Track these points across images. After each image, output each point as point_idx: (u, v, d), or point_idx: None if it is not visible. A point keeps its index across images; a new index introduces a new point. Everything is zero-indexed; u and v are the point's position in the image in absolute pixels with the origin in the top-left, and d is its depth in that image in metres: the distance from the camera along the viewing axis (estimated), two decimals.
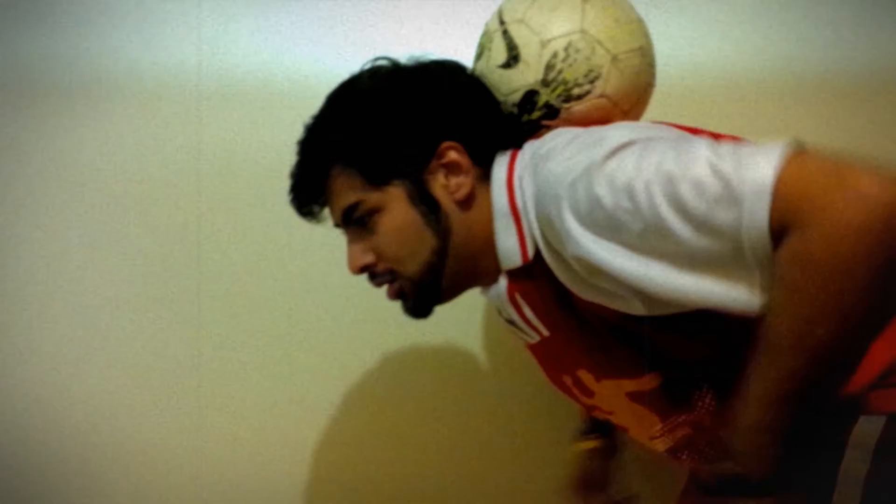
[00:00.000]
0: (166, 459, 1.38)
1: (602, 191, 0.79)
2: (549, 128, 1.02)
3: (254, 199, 1.38)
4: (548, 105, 1.01)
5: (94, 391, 1.37)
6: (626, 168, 0.79)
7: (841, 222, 0.68)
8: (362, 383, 1.39)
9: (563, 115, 1.01)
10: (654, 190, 0.76)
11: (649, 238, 0.78)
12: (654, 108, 1.10)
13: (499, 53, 1.03)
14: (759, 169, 0.71)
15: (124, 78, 1.38)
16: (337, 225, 1.03)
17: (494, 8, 1.06)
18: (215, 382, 1.38)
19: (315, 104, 0.95)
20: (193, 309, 1.38)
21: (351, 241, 1.01)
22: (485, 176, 0.99)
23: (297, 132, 1.00)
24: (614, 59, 1.00)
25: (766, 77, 1.46)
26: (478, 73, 1.07)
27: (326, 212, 1.04)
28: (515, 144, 1.02)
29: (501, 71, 1.03)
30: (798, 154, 0.72)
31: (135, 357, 1.38)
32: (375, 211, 0.97)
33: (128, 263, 1.39)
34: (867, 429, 0.80)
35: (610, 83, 1.00)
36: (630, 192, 0.78)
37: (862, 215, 0.68)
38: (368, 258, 1.00)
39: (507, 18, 1.04)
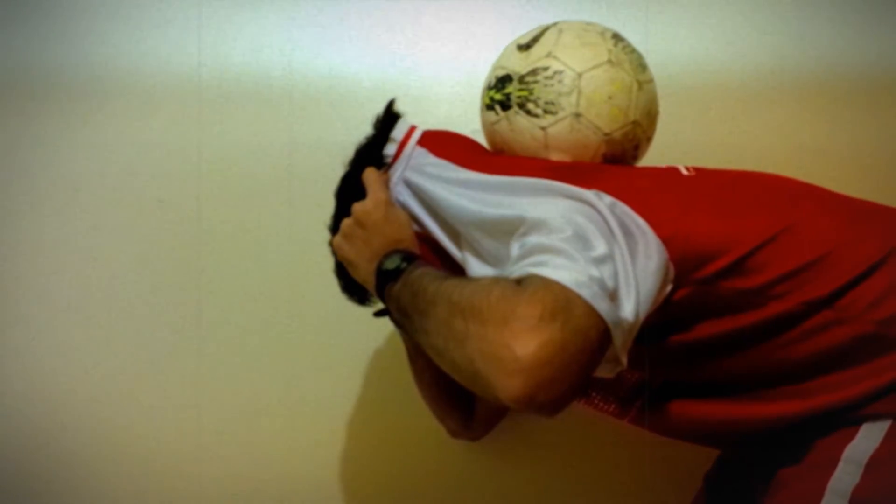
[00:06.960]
0: (166, 458, 1.38)
1: None
2: (495, 115, 1.07)
3: (254, 198, 1.39)
4: (507, 97, 1.05)
5: (94, 391, 1.38)
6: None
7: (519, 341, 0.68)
8: (362, 382, 1.40)
9: (507, 116, 1.05)
10: None
11: None
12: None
13: (527, 37, 1.08)
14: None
15: (124, 78, 1.40)
16: None
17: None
18: (215, 381, 1.38)
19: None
20: (193, 308, 1.38)
21: None
22: None
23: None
24: (577, 115, 1.01)
25: (765, 77, 1.42)
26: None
27: None
28: None
29: (516, 49, 1.08)
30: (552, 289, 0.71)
31: (135, 356, 1.38)
32: None
33: (128, 262, 1.39)
34: (863, 444, 0.84)
35: (556, 127, 1.02)
36: None
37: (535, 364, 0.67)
38: None
39: (559, 24, 1.08)
